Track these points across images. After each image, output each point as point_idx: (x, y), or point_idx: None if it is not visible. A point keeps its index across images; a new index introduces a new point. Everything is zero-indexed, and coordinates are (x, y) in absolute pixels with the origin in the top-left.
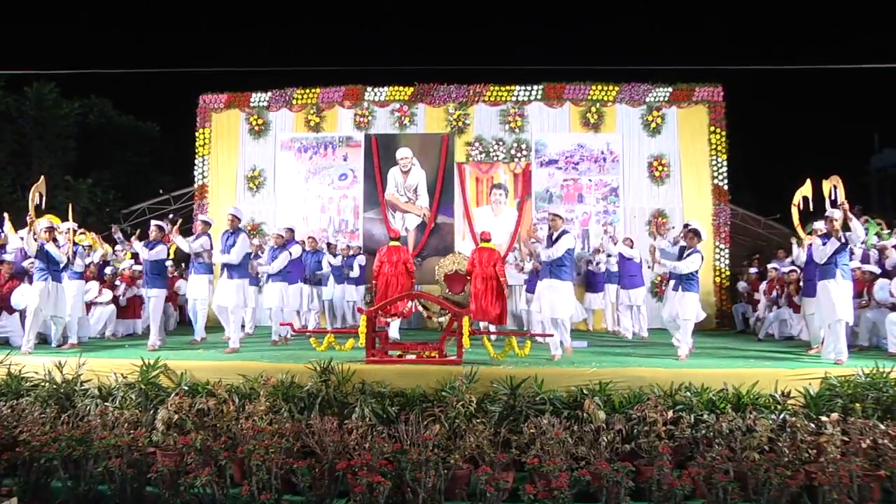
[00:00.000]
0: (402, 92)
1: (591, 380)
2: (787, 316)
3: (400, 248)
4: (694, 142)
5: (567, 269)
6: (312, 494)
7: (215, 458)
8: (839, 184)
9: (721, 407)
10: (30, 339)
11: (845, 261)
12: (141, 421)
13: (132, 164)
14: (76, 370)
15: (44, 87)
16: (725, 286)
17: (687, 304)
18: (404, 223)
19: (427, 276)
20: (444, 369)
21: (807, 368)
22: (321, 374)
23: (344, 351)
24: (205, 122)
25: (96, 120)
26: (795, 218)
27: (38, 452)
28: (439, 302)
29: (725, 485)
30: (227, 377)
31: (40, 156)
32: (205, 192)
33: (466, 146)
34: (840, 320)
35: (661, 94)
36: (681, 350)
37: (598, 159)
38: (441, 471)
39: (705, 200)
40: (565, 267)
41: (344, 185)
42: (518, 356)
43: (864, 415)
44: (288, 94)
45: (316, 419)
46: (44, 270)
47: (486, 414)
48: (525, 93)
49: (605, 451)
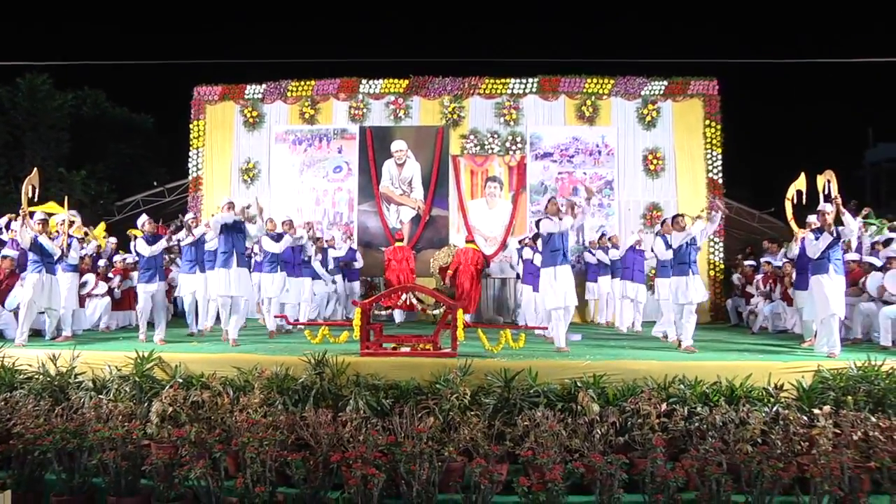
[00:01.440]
0: (397, 84)
1: (585, 372)
2: (780, 309)
3: (404, 248)
4: (689, 135)
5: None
6: (307, 487)
7: (210, 451)
8: (833, 178)
9: (714, 399)
10: (24, 331)
11: (838, 255)
12: (135, 413)
13: (126, 156)
14: (70, 363)
15: (37, 79)
16: (720, 279)
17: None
18: (399, 216)
19: (422, 268)
20: (439, 362)
21: (800, 361)
22: (316, 367)
23: (338, 343)
24: (199, 115)
25: (90, 112)
26: (789, 212)
27: (32, 445)
28: (433, 294)
29: (718, 477)
30: (222, 370)
31: (33, 147)
32: (199, 184)
33: (461, 139)
34: (833, 314)
35: (656, 87)
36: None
37: (593, 152)
38: (435, 463)
39: (700, 194)
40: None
41: (339, 178)
42: (513, 349)
43: (856, 407)
44: (282, 87)
45: (310, 412)
46: (37, 263)
47: (481, 406)
48: (520, 86)
49: (599, 443)
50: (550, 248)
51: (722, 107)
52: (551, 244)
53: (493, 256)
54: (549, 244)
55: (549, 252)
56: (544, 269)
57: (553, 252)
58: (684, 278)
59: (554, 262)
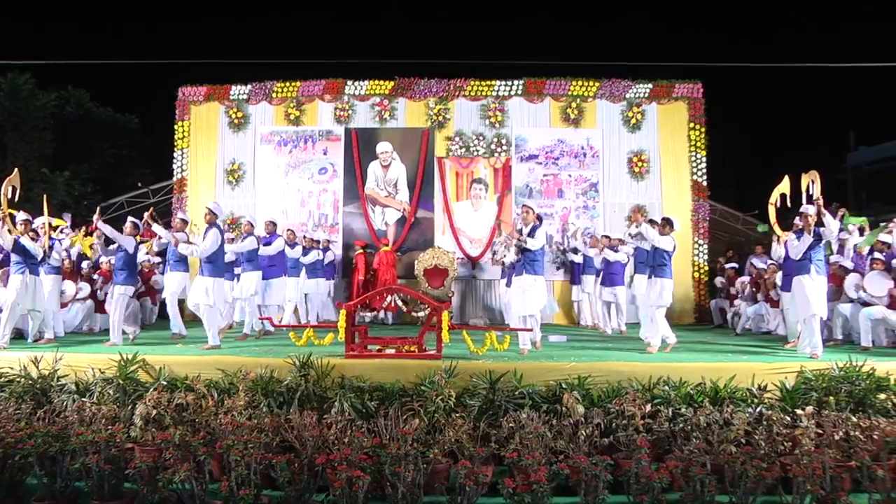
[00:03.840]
0: (383, 86)
1: (569, 374)
2: (764, 311)
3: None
4: (673, 138)
5: (540, 264)
6: (291, 489)
7: (194, 454)
8: (816, 179)
9: (699, 400)
10: (5, 333)
11: (819, 256)
12: (119, 416)
13: (110, 156)
14: (52, 365)
15: (19, 78)
16: (704, 281)
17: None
18: (384, 217)
19: (406, 270)
20: (424, 364)
21: (783, 362)
22: (300, 369)
23: (323, 345)
24: (184, 115)
25: (73, 111)
26: (772, 216)
27: (13, 449)
28: (418, 296)
29: (703, 477)
30: (206, 372)
31: (16, 148)
32: (184, 185)
33: (447, 141)
34: (814, 315)
35: (641, 90)
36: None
37: (578, 154)
38: (420, 465)
39: (684, 196)
40: (538, 262)
41: (324, 179)
42: (497, 351)
43: (838, 407)
44: (268, 88)
45: (295, 414)
46: (21, 264)
47: (466, 408)
48: (506, 88)
49: (584, 444)
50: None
51: (706, 109)
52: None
53: (478, 258)
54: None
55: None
56: (537, 275)
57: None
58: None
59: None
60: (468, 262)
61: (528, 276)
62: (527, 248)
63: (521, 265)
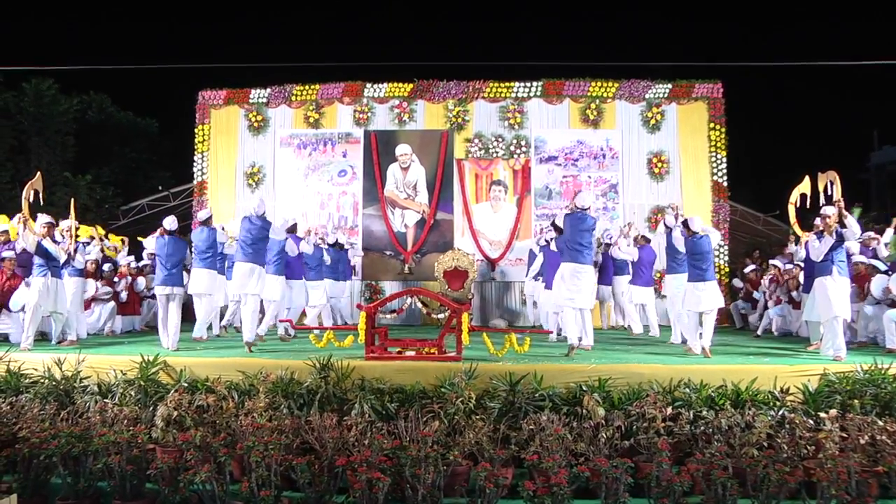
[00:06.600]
0: (402, 88)
1: (590, 376)
2: (786, 312)
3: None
4: (693, 138)
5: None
6: (312, 491)
7: (214, 455)
8: (836, 179)
9: (720, 403)
10: (29, 335)
11: (841, 257)
12: (140, 417)
13: (131, 160)
14: (75, 367)
15: (42, 83)
16: (725, 283)
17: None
18: (404, 219)
19: (426, 272)
20: (444, 366)
21: (805, 365)
22: (320, 371)
23: (343, 347)
24: (204, 119)
25: (95, 116)
26: (792, 216)
27: (38, 449)
28: (438, 298)
29: (724, 481)
30: (227, 374)
31: (39, 152)
32: (204, 188)
33: (466, 143)
34: (837, 317)
35: (660, 90)
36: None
37: (598, 156)
38: (440, 467)
39: (705, 197)
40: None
41: (343, 182)
42: (517, 353)
43: (863, 411)
44: (287, 91)
45: (315, 416)
46: (43, 267)
47: (486, 410)
48: (524, 89)
49: (604, 447)
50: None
51: (727, 109)
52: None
53: (497, 260)
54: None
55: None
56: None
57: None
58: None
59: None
60: (488, 263)
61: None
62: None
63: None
